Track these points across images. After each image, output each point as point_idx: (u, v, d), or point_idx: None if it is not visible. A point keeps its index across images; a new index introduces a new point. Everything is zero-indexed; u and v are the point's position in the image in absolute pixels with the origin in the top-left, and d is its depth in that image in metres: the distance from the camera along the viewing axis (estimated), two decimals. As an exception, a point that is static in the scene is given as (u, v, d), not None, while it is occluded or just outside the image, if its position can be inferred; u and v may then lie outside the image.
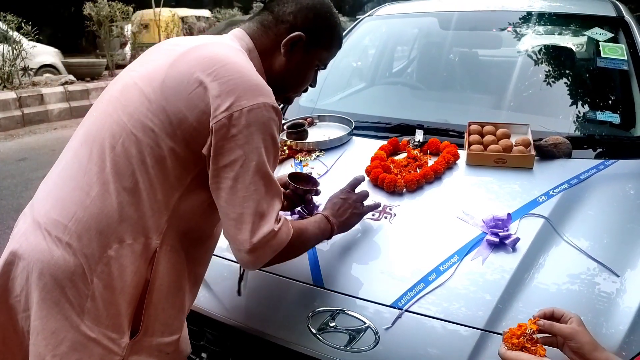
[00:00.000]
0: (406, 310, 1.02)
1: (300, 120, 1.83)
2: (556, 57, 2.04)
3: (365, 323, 1.03)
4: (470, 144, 1.54)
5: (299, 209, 1.31)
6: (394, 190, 1.39)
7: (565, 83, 1.94)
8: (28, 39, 7.61)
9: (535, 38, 2.10)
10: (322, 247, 1.20)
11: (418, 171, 1.46)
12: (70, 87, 7.55)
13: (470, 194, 1.38)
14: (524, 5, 2.25)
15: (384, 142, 1.65)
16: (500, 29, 2.18)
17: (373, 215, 1.30)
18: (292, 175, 1.27)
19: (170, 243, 0.92)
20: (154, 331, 0.92)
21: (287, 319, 1.11)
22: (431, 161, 1.51)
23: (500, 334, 0.88)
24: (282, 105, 1.22)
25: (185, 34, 12.05)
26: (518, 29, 2.12)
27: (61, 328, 0.83)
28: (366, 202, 1.23)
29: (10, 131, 6.29)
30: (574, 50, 2.09)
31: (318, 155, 1.67)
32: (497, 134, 1.58)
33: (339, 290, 1.11)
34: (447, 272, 1.09)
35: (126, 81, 0.95)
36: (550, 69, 1.97)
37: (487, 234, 1.18)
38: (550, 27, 2.16)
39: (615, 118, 1.65)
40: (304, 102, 2.07)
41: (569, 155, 1.48)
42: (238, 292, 1.17)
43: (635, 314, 0.96)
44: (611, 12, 2.04)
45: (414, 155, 1.56)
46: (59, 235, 0.85)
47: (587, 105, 1.78)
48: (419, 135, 1.66)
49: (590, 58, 1.99)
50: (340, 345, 1.01)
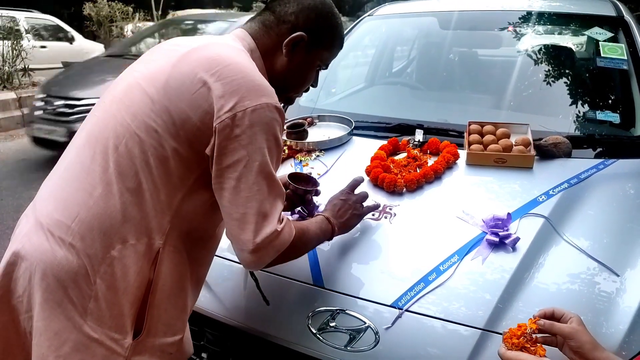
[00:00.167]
0: (406, 310, 1.03)
1: (300, 120, 1.83)
2: (556, 56, 2.04)
3: (365, 323, 1.03)
4: (470, 144, 1.54)
5: (298, 209, 1.32)
6: (393, 190, 1.39)
7: (565, 83, 1.94)
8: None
9: (535, 38, 2.10)
10: (322, 247, 1.20)
11: (418, 171, 1.46)
12: (70, 87, 7.55)
13: (470, 194, 1.38)
14: (523, 5, 2.25)
15: (384, 142, 1.65)
16: (500, 29, 2.18)
17: (373, 215, 1.31)
18: (292, 176, 1.27)
19: (173, 243, 0.92)
20: (157, 332, 0.92)
21: (287, 319, 1.11)
22: (431, 161, 1.52)
23: (501, 334, 0.88)
24: (283, 105, 1.22)
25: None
26: (518, 29, 2.12)
27: (64, 329, 0.83)
28: (366, 203, 1.23)
29: (10, 131, 6.29)
30: (574, 49, 2.09)
31: (318, 155, 1.67)
32: (497, 133, 1.59)
33: (339, 290, 1.11)
34: (447, 271, 1.10)
35: (129, 81, 0.95)
36: (550, 69, 1.97)
37: (487, 233, 1.18)
38: (550, 26, 2.16)
39: (615, 117, 1.65)
40: (304, 102, 2.07)
41: (569, 154, 1.48)
42: (266, 302, 1.13)
43: (635, 313, 0.96)
44: (611, 12, 2.04)
45: (413, 155, 1.56)
46: (62, 236, 0.85)
47: (587, 104, 1.78)
48: (419, 135, 1.66)
49: (590, 58, 1.98)
50: (340, 345, 1.01)
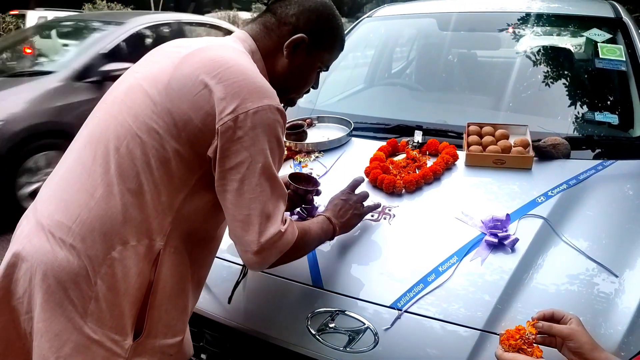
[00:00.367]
0: (405, 311, 1.03)
1: (300, 121, 1.83)
2: (555, 58, 2.04)
3: (364, 324, 1.03)
4: (469, 145, 1.54)
5: (298, 209, 1.32)
6: (393, 191, 1.40)
7: (563, 84, 1.94)
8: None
9: (534, 39, 2.11)
10: (322, 247, 1.20)
11: (417, 172, 1.47)
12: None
13: (469, 195, 1.38)
14: (522, 7, 2.25)
15: (383, 143, 1.65)
16: (499, 30, 2.19)
17: (372, 216, 1.31)
18: (292, 176, 1.27)
19: (174, 244, 0.92)
20: (157, 333, 0.92)
21: (287, 320, 1.11)
22: (430, 162, 1.52)
23: (499, 335, 0.89)
24: (283, 106, 1.23)
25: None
26: (517, 30, 2.13)
27: (64, 330, 0.83)
28: (366, 203, 1.24)
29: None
30: (573, 51, 2.09)
31: (317, 156, 1.67)
32: (495, 134, 1.59)
33: (339, 291, 1.11)
34: (446, 272, 1.10)
35: (131, 82, 0.95)
36: (549, 70, 1.98)
37: (486, 234, 1.18)
38: (548, 28, 2.17)
39: (613, 119, 1.65)
40: (303, 103, 2.07)
41: (568, 156, 1.48)
42: (229, 300, 1.16)
43: (634, 314, 0.97)
44: (609, 13, 2.04)
45: (413, 156, 1.56)
46: (63, 237, 0.85)
47: (585, 106, 1.78)
48: (418, 136, 1.66)
49: (588, 59, 1.99)
50: (339, 346, 1.01)
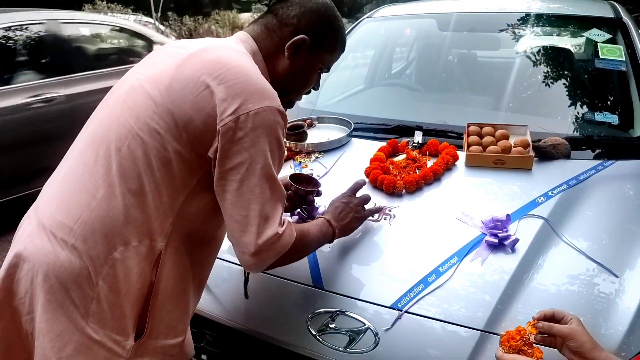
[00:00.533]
0: (406, 312, 1.03)
1: (300, 122, 1.83)
2: (555, 58, 2.04)
3: (365, 324, 1.03)
4: (469, 145, 1.54)
5: (299, 210, 1.32)
6: (393, 192, 1.40)
7: (563, 84, 1.94)
8: None
9: (534, 39, 2.11)
10: (322, 248, 1.20)
11: (417, 172, 1.47)
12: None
13: (469, 195, 1.38)
14: (522, 7, 2.26)
15: (383, 143, 1.65)
16: (499, 31, 2.19)
17: (372, 216, 1.31)
18: (293, 176, 1.27)
19: (175, 245, 0.92)
20: (159, 333, 0.92)
21: (287, 320, 1.11)
22: (430, 162, 1.52)
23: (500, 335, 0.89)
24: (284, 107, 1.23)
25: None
26: (517, 31, 2.13)
27: (66, 330, 0.84)
28: (367, 206, 1.23)
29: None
30: (573, 51, 2.09)
31: (317, 157, 1.67)
32: (496, 135, 1.59)
33: (339, 292, 1.11)
34: (447, 273, 1.10)
35: (132, 83, 0.95)
36: (549, 70, 1.98)
37: (486, 235, 1.18)
38: (548, 28, 2.17)
39: (613, 119, 1.65)
40: (303, 103, 2.07)
41: (568, 156, 1.48)
42: (245, 295, 1.16)
43: (634, 314, 0.97)
44: (609, 14, 2.04)
45: (413, 156, 1.57)
46: (65, 238, 0.85)
47: (585, 106, 1.78)
48: (418, 137, 1.66)
49: (588, 59, 1.99)
50: (340, 346, 1.01)
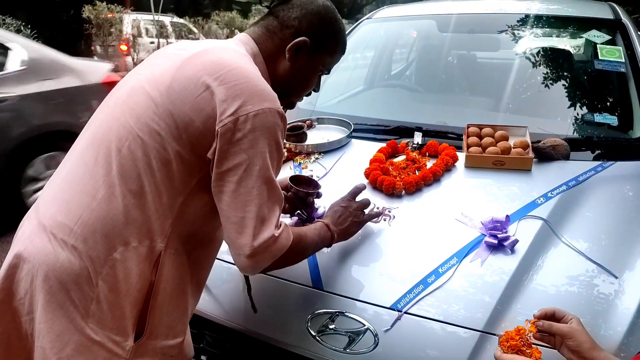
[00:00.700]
0: (405, 312, 1.03)
1: (299, 123, 1.83)
2: (554, 59, 2.05)
3: (364, 325, 1.03)
4: (468, 146, 1.55)
5: (298, 211, 1.32)
6: (392, 193, 1.40)
7: (563, 85, 1.94)
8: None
9: (533, 40, 2.11)
10: (322, 249, 1.20)
11: (417, 173, 1.47)
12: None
13: (468, 196, 1.38)
14: (522, 8, 2.26)
15: (383, 144, 1.65)
16: (499, 32, 2.19)
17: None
18: (293, 178, 1.27)
19: (175, 246, 0.92)
20: (158, 334, 0.92)
21: (287, 321, 1.11)
22: (430, 163, 1.52)
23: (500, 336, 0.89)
24: (283, 109, 1.23)
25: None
26: (516, 32, 2.13)
27: (66, 331, 0.84)
28: (366, 210, 1.23)
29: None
30: (572, 52, 2.10)
31: (317, 158, 1.67)
32: (495, 136, 1.59)
33: (339, 293, 1.11)
34: (446, 274, 1.10)
35: (133, 84, 0.95)
36: (549, 71, 1.98)
37: (485, 235, 1.18)
38: (548, 29, 2.17)
39: (613, 120, 1.65)
40: (303, 104, 2.07)
41: (567, 157, 1.48)
42: (254, 309, 1.13)
43: (634, 315, 0.97)
44: (609, 15, 2.05)
45: (412, 157, 1.57)
46: (65, 238, 0.85)
47: (585, 107, 1.78)
48: (418, 138, 1.66)
49: (588, 60, 1.99)
50: (339, 347, 1.01)
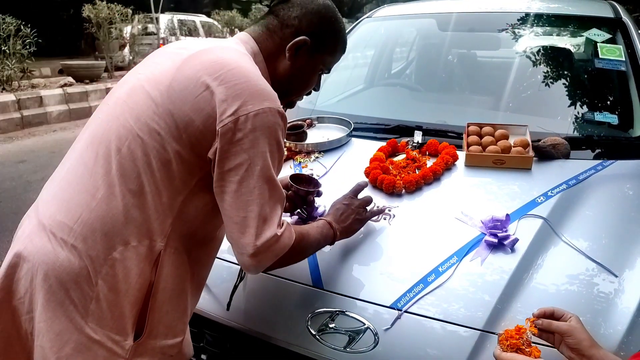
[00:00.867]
0: (405, 311, 1.03)
1: (300, 122, 1.83)
2: (554, 58, 2.04)
3: (364, 324, 1.03)
4: (468, 145, 1.54)
5: (299, 210, 1.32)
6: (392, 192, 1.40)
7: (563, 84, 1.94)
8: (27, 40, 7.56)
9: (534, 39, 2.11)
10: (322, 249, 1.20)
11: (417, 172, 1.47)
12: (69, 89, 7.56)
13: (469, 195, 1.38)
14: (522, 7, 2.25)
15: (383, 143, 1.65)
16: (499, 31, 2.19)
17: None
18: (293, 177, 1.27)
19: (174, 245, 0.92)
20: (158, 333, 0.92)
21: (287, 320, 1.11)
22: (430, 162, 1.52)
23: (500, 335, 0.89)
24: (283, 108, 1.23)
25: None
26: (516, 30, 2.13)
27: (65, 330, 0.84)
28: (368, 207, 1.23)
29: (9, 133, 6.29)
30: (572, 51, 2.09)
31: (317, 157, 1.67)
32: (495, 135, 1.59)
33: (339, 292, 1.11)
34: (446, 273, 1.10)
35: (133, 84, 0.95)
36: (549, 70, 1.98)
37: (485, 234, 1.18)
38: (548, 28, 2.17)
39: (613, 119, 1.65)
40: (303, 103, 2.07)
41: (567, 156, 1.48)
42: (227, 306, 1.15)
43: (634, 314, 0.97)
44: (609, 13, 2.04)
45: (412, 156, 1.57)
46: (64, 237, 0.85)
47: (585, 106, 1.78)
48: (418, 137, 1.66)
49: (588, 59, 1.99)
50: (339, 346, 1.01)
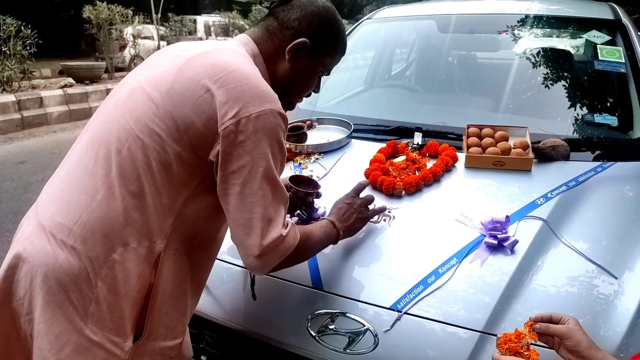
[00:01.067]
0: (405, 313, 1.03)
1: (300, 123, 1.83)
2: (554, 59, 2.04)
3: (364, 325, 1.03)
4: (468, 147, 1.55)
5: (298, 211, 1.32)
6: (392, 193, 1.40)
7: (563, 86, 1.94)
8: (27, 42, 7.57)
9: (534, 41, 2.11)
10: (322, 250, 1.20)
11: (417, 174, 1.47)
12: (70, 90, 7.57)
13: (468, 197, 1.38)
14: (522, 9, 2.26)
15: (383, 144, 1.65)
16: (499, 32, 2.19)
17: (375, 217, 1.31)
18: (293, 178, 1.27)
19: (174, 247, 0.92)
20: (157, 335, 0.92)
21: (287, 321, 1.11)
22: (430, 164, 1.52)
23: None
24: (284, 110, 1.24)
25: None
26: (516, 32, 2.13)
27: (65, 331, 0.84)
28: (371, 206, 1.24)
29: (9, 134, 6.30)
30: (572, 53, 2.09)
31: (317, 158, 1.67)
32: (495, 136, 1.59)
33: (338, 293, 1.11)
34: (446, 274, 1.10)
35: (133, 85, 0.95)
36: (549, 72, 1.98)
37: (485, 236, 1.18)
38: (548, 30, 2.17)
39: (613, 120, 1.65)
40: (303, 104, 2.07)
41: (567, 157, 1.48)
42: (253, 297, 1.16)
43: (634, 315, 0.97)
44: (609, 15, 2.05)
45: (412, 157, 1.57)
46: (64, 239, 0.85)
47: (585, 107, 1.78)
48: (418, 138, 1.66)
49: (588, 61, 1.99)
50: (339, 347, 1.01)
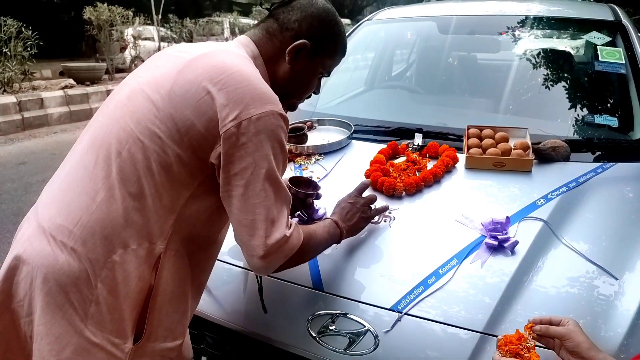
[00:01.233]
0: (405, 314, 1.03)
1: (300, 124, 1.83)
2: (554, 61, 2.05)
3: (364, 326, 1.03)
4: (469, 148, 1.55)
5: (298, 212, 1.32)
6: (393, 194, 1.40)
7: (563, 87, 1.95)
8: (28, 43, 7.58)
9: (534, 42, 2.11)
10: (323, 250, 1.21)
11: (417, 175, 1.47)
12: (70, 91, 7.58)
13: (469, 198, 1.38)
14: (522, 10, 2.26)
15: (383, 145, 1.65)
16: (499, 33, 2.19)
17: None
18: (293, 179, 1.27)
19: (175, 248, 0.92)
20: (157, 336, 0.92)
21: (287, 322, 1.11)
22: (430, 165, 1.52)
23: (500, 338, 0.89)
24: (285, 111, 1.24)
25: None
26: (516, 33, 2.13)
27: (65, 333, 0.84)
28: (373, 206, 1.24)
29: (10, 135, 6.31)
30: (572, 54, 2.10)
31: (317, 159, 1.67)
32: (495, 137, 1.59)
33: (339, 294, 1.11)
34: (447, 275, 1.10)
35: (133, 87, 0.95)
36: (549, 73, 1.98)
37: (486, 237, 1.18)
38: (548, 31, 2.17)
39: (613, 121, 1.66)
40: (304, 105, 2.07)
41: (568, 158, 1.48)
42: (264, 309, 1.13)
43: (634, 316, 0.97)
44: (609, 16, 2.05)
45: (413, 158, 1.57)
46: (64, 240, 0.85)
47: (585, 108, 1.78)
48: (418, 139, 1.66)
49: (588, 62, 1.99)
50: (340, 348, 1.01)
